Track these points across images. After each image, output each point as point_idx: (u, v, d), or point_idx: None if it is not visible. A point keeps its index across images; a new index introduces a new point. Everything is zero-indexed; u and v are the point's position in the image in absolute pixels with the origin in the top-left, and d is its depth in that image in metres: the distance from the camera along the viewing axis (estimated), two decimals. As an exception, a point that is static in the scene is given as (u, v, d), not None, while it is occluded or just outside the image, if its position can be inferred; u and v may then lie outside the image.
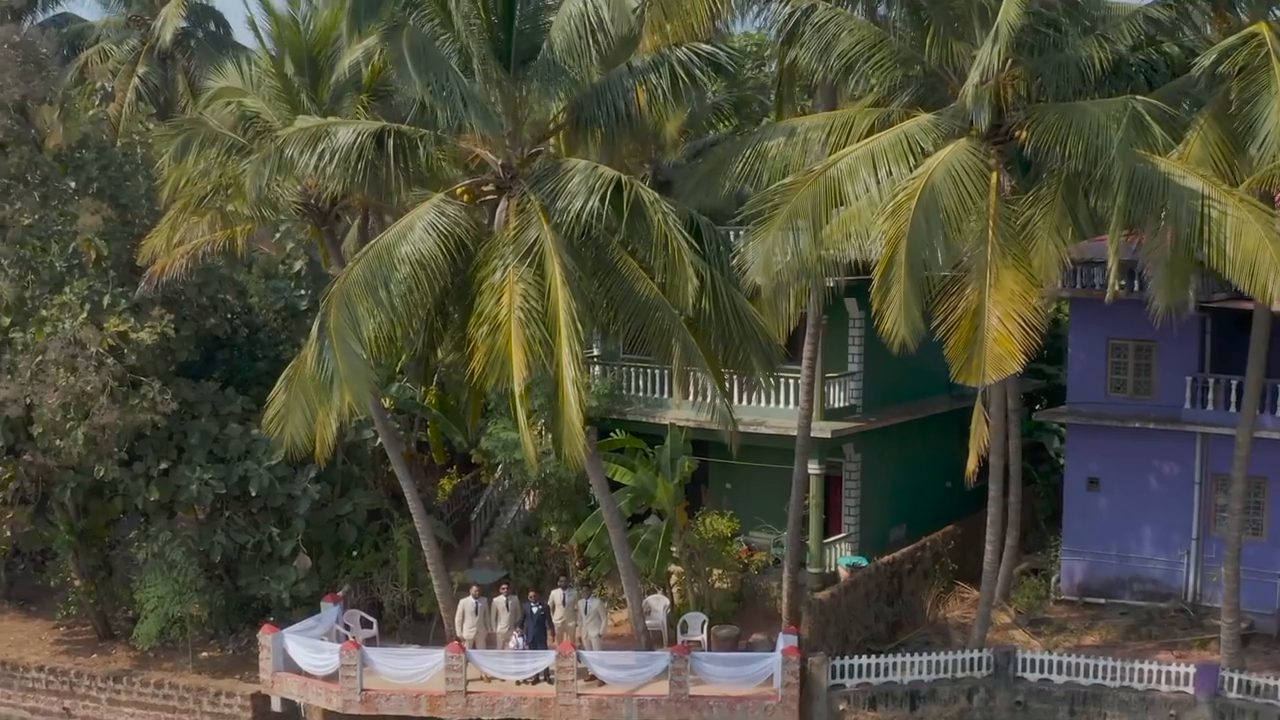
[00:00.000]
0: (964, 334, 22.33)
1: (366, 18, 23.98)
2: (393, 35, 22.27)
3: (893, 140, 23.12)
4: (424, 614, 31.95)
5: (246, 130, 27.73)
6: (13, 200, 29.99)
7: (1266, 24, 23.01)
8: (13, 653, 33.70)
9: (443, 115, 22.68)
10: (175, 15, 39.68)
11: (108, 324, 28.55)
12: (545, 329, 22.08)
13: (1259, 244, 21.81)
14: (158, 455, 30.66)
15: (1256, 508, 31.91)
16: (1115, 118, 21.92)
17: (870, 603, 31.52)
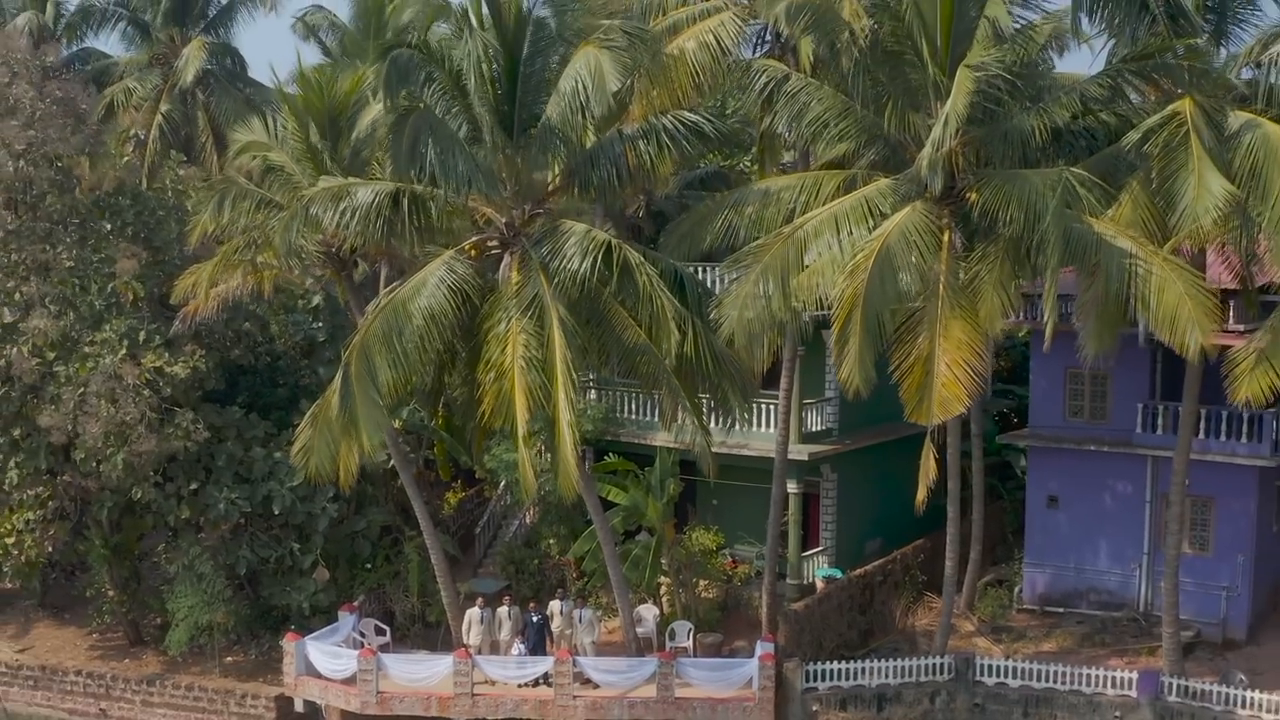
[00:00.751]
0: (916, 378, 25.64)
1: (399, 86, 27.13)
2: (399, 124, 25.40)
3: (854, 203, 26.46)
4: (433, 622, 35.32)
5: (272, 183, 31.09)
6: (54, 244, 33.30)
7: (1191, 98, 26.32)
8: (50, 658, 37.11)
9: (447, 187, 25.88)
10: (197, 57, 42.97)
11: (145, 359, 31.90)
12: (544, 375, 25.42)
13: (1179, 300, 25.12)
14: (188, 476, 34.00)
15: (1204, 525, 35.31)
16: (1051, 186, 25.22)
17: (843, 612, 34.92)
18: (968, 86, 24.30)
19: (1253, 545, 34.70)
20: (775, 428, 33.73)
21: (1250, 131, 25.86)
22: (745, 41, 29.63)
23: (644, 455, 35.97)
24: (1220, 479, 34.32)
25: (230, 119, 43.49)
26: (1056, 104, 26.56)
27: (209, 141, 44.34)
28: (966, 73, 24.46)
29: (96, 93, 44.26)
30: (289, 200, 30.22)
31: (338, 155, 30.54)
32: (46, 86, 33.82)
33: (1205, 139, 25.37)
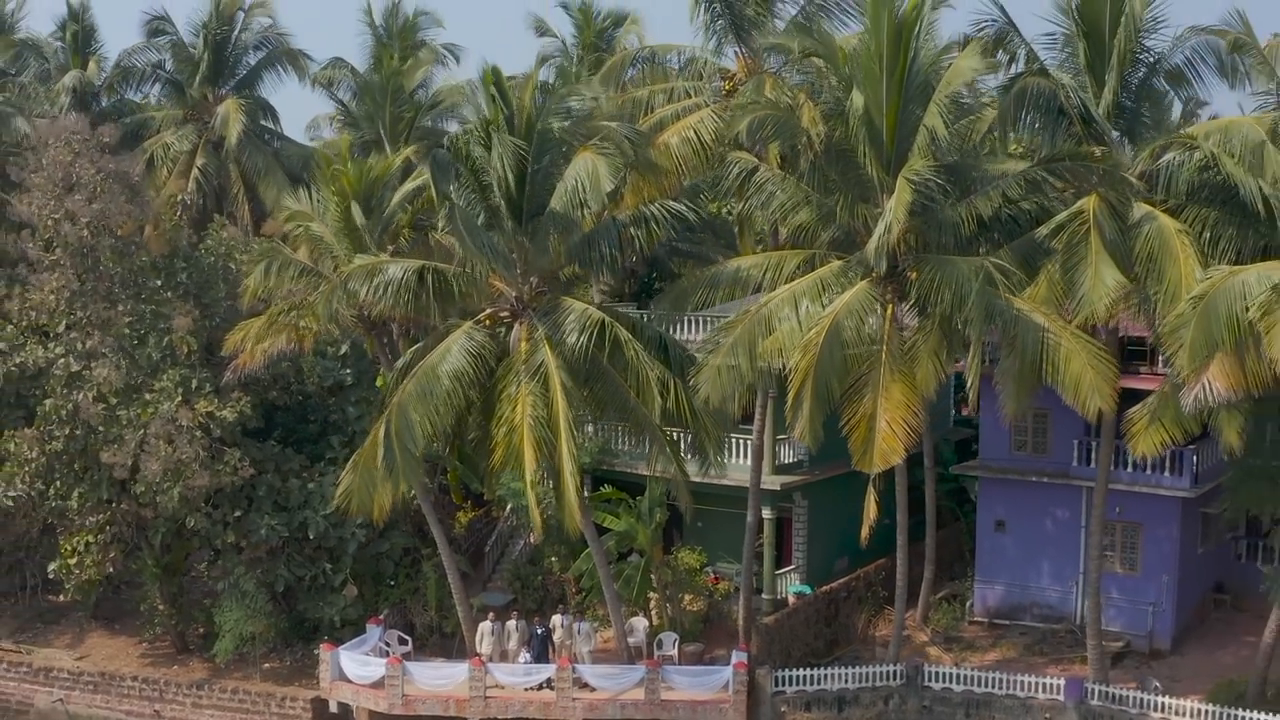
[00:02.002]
0: (862, 433, 31.60)
1: (441, 184, 33.03)
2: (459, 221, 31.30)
3: (810, 283, 32.43)
4: (449, 633, 41.43)
5: (313, 250, 37.14)
6: (114, 302, 39.31)
7: (1097, 194, 32.25)
8: (106, 664, 43.22)
9: (477, 264, 31.85)
10: (237, 118, 48.86)
11: (198, 405, 37.92)
12: (550, 431, 31.43)
13: (1082, 369, 31.09)
14: (233, 505, 40.00)
15: (1133, 548, 41.40)
16: (975, 272, 31.15)
17: (811, 624, 41.08)
18: (906, 197, 30.19)
19: (1176, 566, 40.72)
20: (750, 461, 39.74)
21: (1149, 223, 31.78)
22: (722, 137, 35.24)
23: (636, 482, 41.92)
24: (1147, 508, 40.36)
25: (261, 173, 49.77)
26: (983, 198, 32.44)
27: (240, 193, 50.39)
28: (905, 184, 30.35)
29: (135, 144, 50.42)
30: (329, 269, 36.33)
31: (371, 228, 36.47)
32: (103, 161, 39.75)
33: (1106, 233, 31.31)
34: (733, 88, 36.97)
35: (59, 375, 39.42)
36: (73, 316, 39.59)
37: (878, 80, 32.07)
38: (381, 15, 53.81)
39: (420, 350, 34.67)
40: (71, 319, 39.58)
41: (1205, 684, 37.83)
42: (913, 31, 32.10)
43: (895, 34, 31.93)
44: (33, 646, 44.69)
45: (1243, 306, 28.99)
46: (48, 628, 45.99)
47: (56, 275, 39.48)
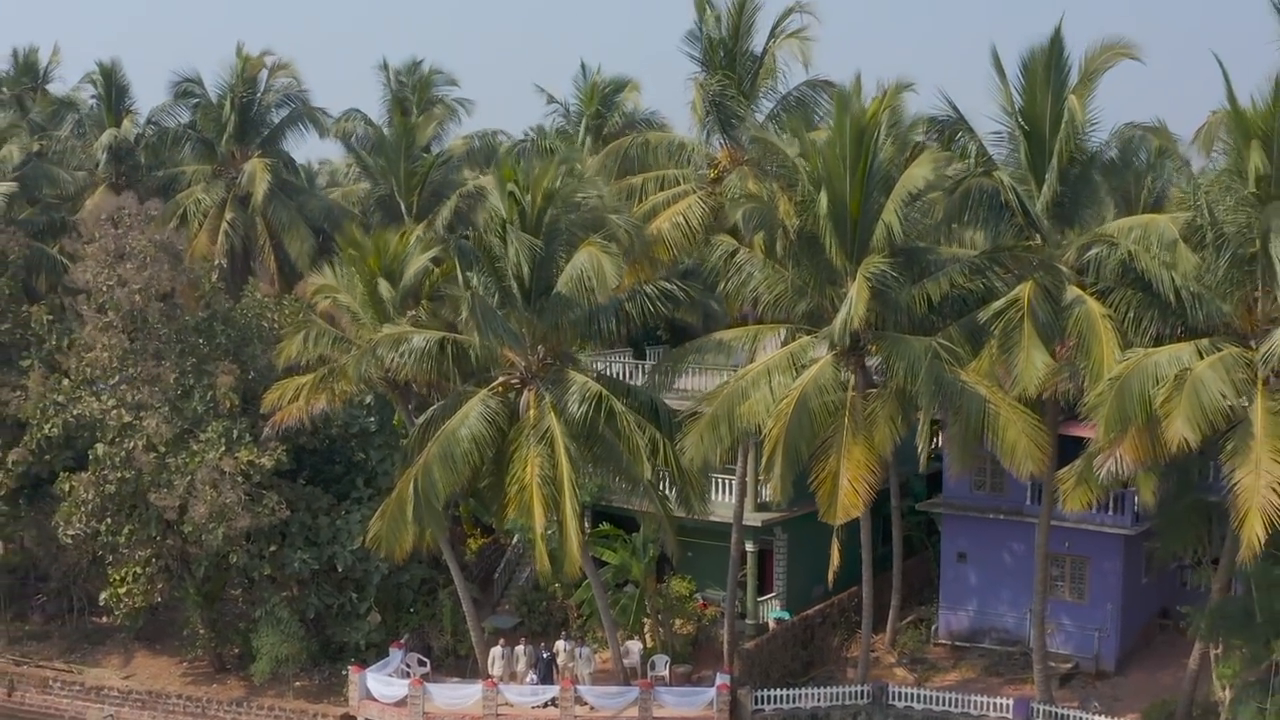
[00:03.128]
0: (827, 488, 37.63)
1: (466, 268, 38.96)
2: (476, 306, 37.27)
3: (782, 357, 38.45)
4: (464, 655, 47.51)
5: (341, 319, 43.16)
6: (162, 360, 45.33)
7: (1034, 281, 38.16)
8: (150, 683, 49.40)
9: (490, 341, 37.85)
10: (264, 177, 54.83)
11: (240, 454, 43.95)
12: (555, 489, 37.45)
13: (1018, 436, 37.09)
14: (268, 540, 46.06)
15: (1080, 579, 47.45)
16: (926, 350, 37.10)
17: (789, 647, 47.23)
18: (865, 293, 36.18)
19: (1120, 595, 46.76)
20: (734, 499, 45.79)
21: (1078, 306, 37.69)
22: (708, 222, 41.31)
23: (632, 517, 47.87)
24: (1093, 543, 46.39)
25: (285, 226, 55.84)
26: (934, 283, 38.41)
27: (267, 244, 56.42)
28: (863, 281, 36.33)
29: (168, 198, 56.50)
30: (357, 337, 42.37)
31: (392, 299, 42.46)
32: (150, 231, 45.75)
33: (1040, 318, 37.28)
34: (717, 175, 43.04)
35: (112, 425, 45.45)
36: (124, 372, 45.58)
37: (842, 177, 38.04)
38: (397, 72, 59.61)
39: (440, 411, 40.65)
40: (123, 374, 45.54)
41: (1145, 703, 43.94)
42: (872, 136, 38.09)
43: (857, 137, 37.90)
44: (83, 666, 50.83)
45: (1154, 386, 34.85)
46: (94, 648, 52.12)
47: (109, 335, 45.46)
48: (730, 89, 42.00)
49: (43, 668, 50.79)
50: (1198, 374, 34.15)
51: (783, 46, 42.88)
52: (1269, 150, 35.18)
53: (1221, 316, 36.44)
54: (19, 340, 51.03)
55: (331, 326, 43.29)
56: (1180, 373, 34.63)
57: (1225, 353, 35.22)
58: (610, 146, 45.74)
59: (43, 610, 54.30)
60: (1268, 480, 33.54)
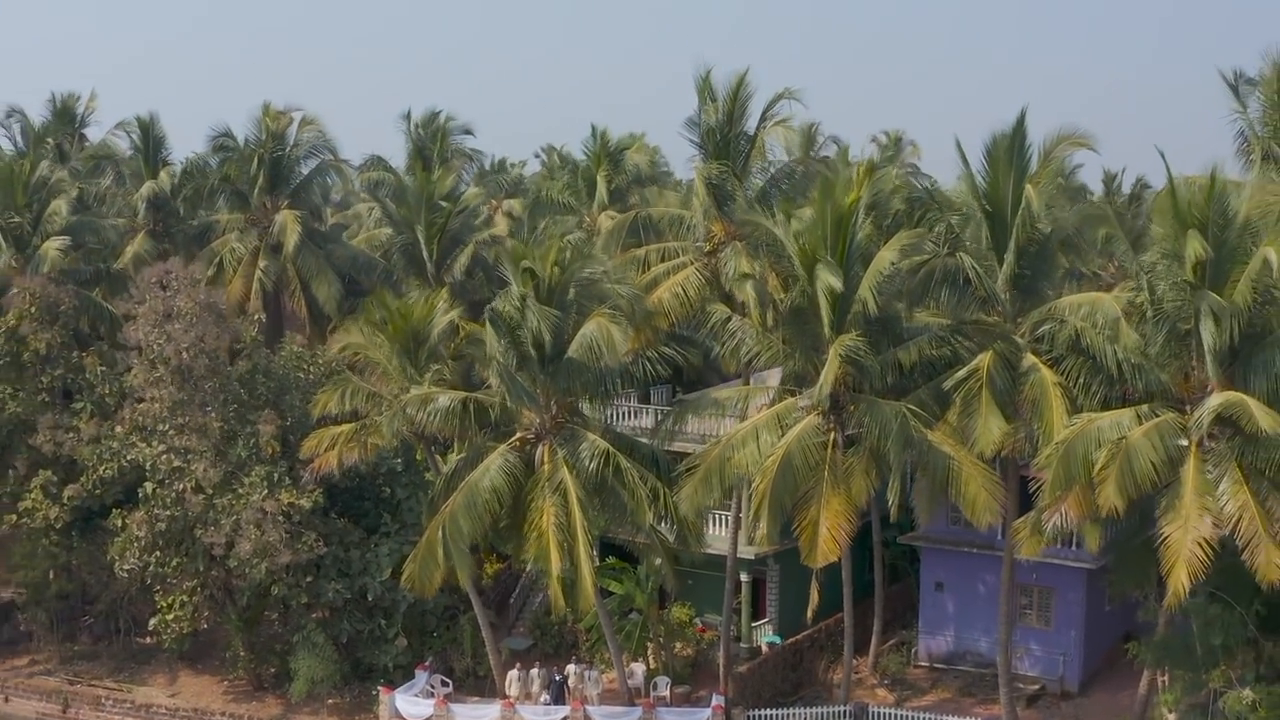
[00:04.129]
0: (808, 535, 43.71)
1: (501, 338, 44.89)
2: (500, 370, 43.44)
3: (768, 418, 44.53)
4: (483, 675, 53.74)
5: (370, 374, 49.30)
6: (208, 410, 51.52)
7: (993, 351, 44.14)
8: (194, 701, 55.83)
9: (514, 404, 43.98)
10: (294, 229, 61.09)
11: (281, 496, 50.13)
12: (569, 535, 43.56)
13: (978, 490, 43.19)
14: (305, 572, 52.25)
15: (1047, 607, 53.62)
16: (896, 414, 43.14)
17: (779, 670, 53.46)
18: (836, 368, 42.24)
19: (1083, 623, 52.91)
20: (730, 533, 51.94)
21: (1033, 373, 43.65)
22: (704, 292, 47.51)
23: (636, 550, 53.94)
24: (1059, 575, 52.49)
25: (314, 274, 62.02)
26: (904, 351, 44.51)
27: (297, 289, 62.59)
28: (836, 356, 42.36)
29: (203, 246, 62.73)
30: (386, 390, 48.48)
31: (417, 359, 48.57)
32: (195, 293, 51.94)
33: (997, 385, 43.29)
34: (714, 247, 49.16)
35: (162, 469, 51.63)
36: (173, 421, 51.75)
37: (824, 256, 43.99)
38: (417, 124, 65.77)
39: (463, 463, 46.81)
40: (172, 423, 51.70)
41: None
42: (850, 220, 44.13)
43: (837, 222, 43.99)
44: (131, 684, 57.25)
45: (1095, 449, 40.79)
46: (141, 667, 58.54)
47: (160, 388, 51.62)
48: (725, 172, 48.19)
49: (95, 686, 57.25)
50: (1131, 442, 40.09)
51: (771, 132, 49.02)
52: (1205, 236, 40.96)
53: (1160, 385, 42.28)
54: (71, 385, 57.25)
55: (361, 379, 49.36)
56: (1118, 440, 40.57)
57: (1162, 419, 41.11)
58: (618, 220, 52.07)
59: (90, 631, 60.69)
60: (1194, 536, 39.41)
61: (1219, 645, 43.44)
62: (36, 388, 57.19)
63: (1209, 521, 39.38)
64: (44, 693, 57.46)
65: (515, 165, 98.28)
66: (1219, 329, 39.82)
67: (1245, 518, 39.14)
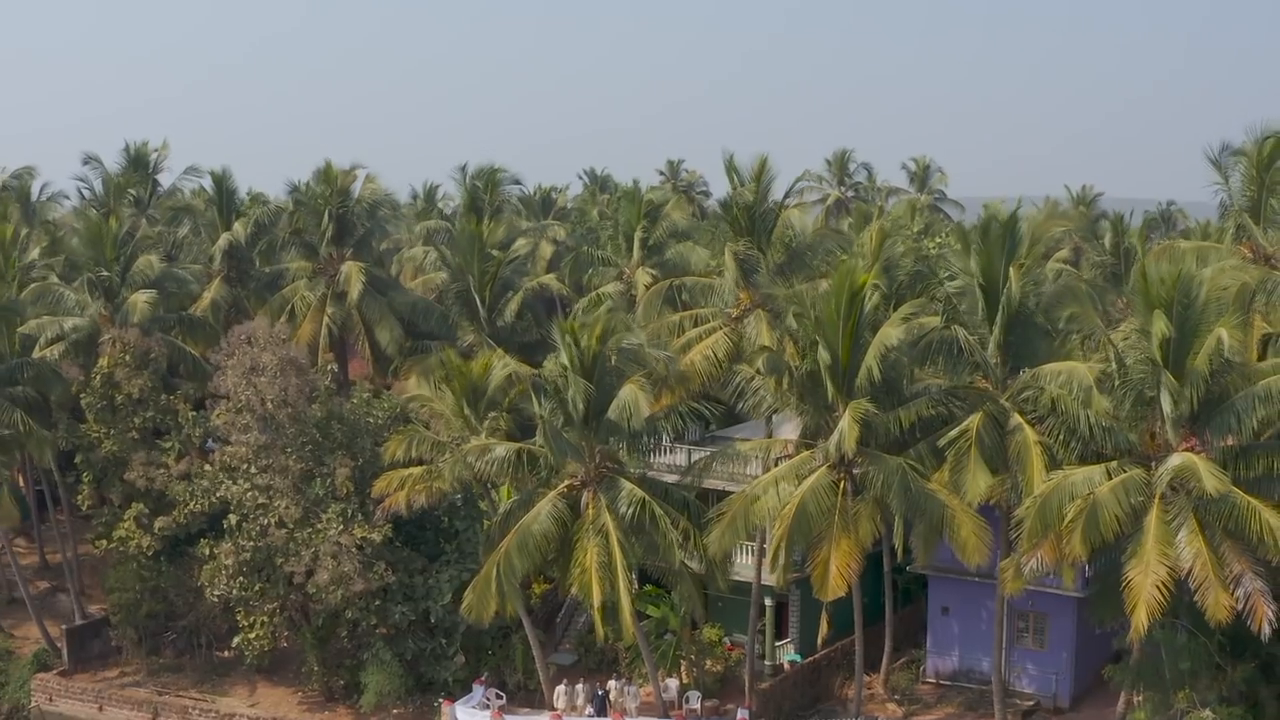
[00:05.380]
0: (820, 573, 52.21)
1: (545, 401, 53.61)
2: (546, 429, 52.16)
3: (785, 470, 53.05)
4: (533, 689, 62.63)
5: (433, 423, 58.07)
6: (288, 453, 60.39)
7: (983, 413, 52.46)
8: (273, 710, 64.77)
9: (558, 459, 52.68)
10: (357, 279, 69.97)
11: (355, 531, 58.96)
12: (610, 572, 52.19)
13: (969, 535, 51.60)
14: (374, 597, 61.10)
15: (1042, 631, 61.99)
16: (897, 467, 51.55)
17: (799, 686, 62.07)
18: (855, 428, 50.60)
19: (1074, 645, 61.28)
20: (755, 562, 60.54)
21: (1018, 432, 52.01)
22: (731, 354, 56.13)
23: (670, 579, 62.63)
24: (1052, 603, 60.83)
25: (377, 319, 70.88)
26: (906, 410, 52.92)
27: (361, 334, 71.46)
28: (852, 421, 50.72)
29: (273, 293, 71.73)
30: (447, 435, 57.20)
31: (476, 410, 57.29)
32: (279, 349, 60.83)
33: (985, 443, 51.62)
34: (740, 312, 57.74)
35: (247, 504, 60.56)
36: (258, 463, 60.63)
37: (836, 328, 52.40)
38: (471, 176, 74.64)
39: (517, 504, 55.53)
40: (258, 465, 60.61)
41: (1092, 734, 58.61)
42: (861, 297, 52.41)
43: (849, 299, 52.29)
44: (214, 695, 66.28)
45: (1068, 502, 49.02)
46: (221, 679, 67.70)
47: (246, 433, 60.51)
48: (750, 248, 56.78)
49: (181, 696, 66.43)
50: (1098, 497, 48.36)
51: (792, 213, 57.55)
52: (1170, 317, 48.93)
53: (1128, 444, 50.55)
54: (160, 424, 66.26)
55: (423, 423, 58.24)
56: (1087, 495, 48.84)
57: (1129, 475, 49.31)
58: (656, 288, 60.99)
59: (174, 646, 69.82)
60: (1154, 579, 47.64)
61: (1185, 670, 51.85)
62: (128, 427, 66.24)
63: (1165, 569, 47.62)
64: (135, 702, 66.74)
65: (559, 192, 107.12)
66: (1176, 403, 48.01)
67: (1199, 564, 47.26)
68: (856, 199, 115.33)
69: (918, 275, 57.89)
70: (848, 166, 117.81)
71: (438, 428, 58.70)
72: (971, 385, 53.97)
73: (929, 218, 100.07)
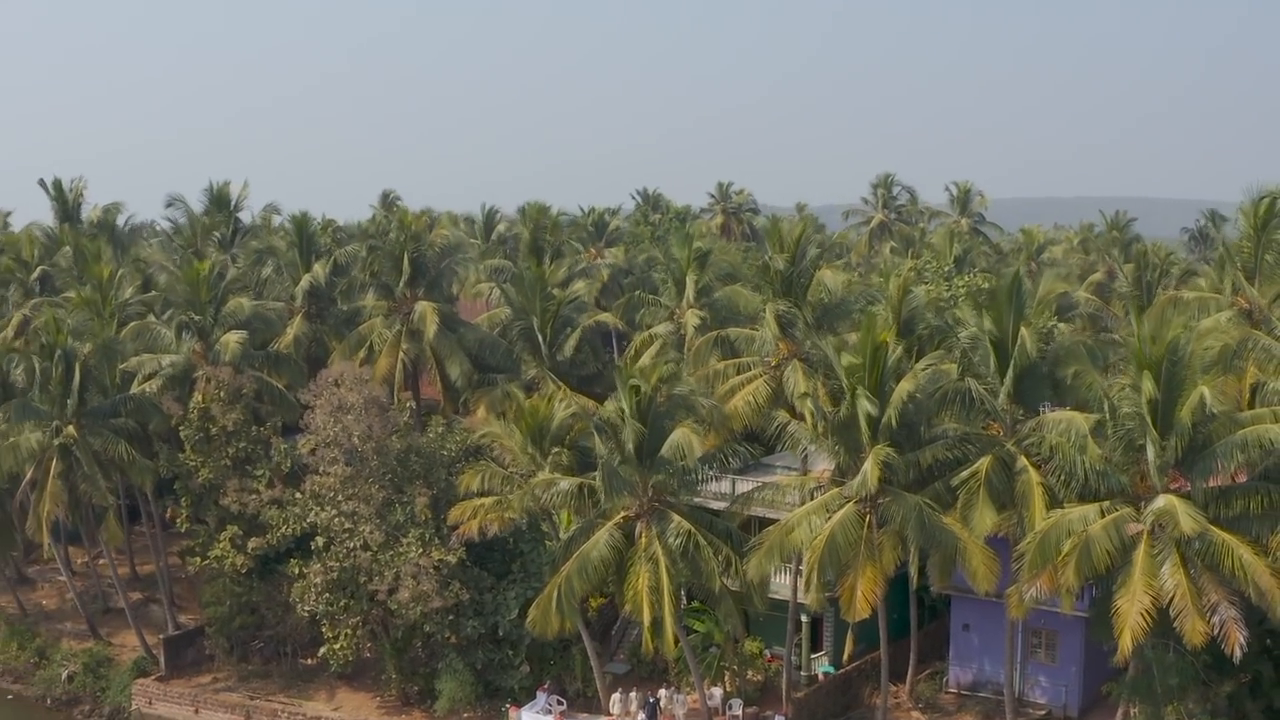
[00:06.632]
0: (848, 596, 61.77)
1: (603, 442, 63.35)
2: (604, 469, 61.87)
3: (817, 505, 62.61)
4: (590, 696, 72.57)
5: (500, 456, 67.98)
6: (371, 484, 70.35)
7: (991, 456, 61.79)
8: (354, 714, 74.89)
9: (614, 495, 62.42)
10: (432, 319, 79.96)
11: (433, 553, 68.87)
12: (659, 595, 61.87)
13: (979, 564, 61.02)
14: (449, 612, 70.97)
15: (1053, 647, 71.40)
16: (916, 504, 60.98)
17: (832, 695, 71.79)
18: (877, 471, 60.00)
19: (1082, 660, 70.65)
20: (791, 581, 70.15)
21: (1023, 474, 61.44)
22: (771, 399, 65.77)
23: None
24: (1061, 621, 70.21)
25: (448, 354, 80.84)
26: (924, 453, 62.33)
27: (433, 367, 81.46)
28: (875, 464, 60.12)
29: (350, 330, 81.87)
30: (514, 466, 67.02)
31: (541, 446, 67.10)
32: (364, 389, 70.79)
33: (994, 484, 60.99)
34: (779, 361, 67.32)
35: (335, 529, 70.57)
36: (345, 492, 70.63)
37: (863, 379, 61.83)
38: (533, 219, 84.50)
39: (579, 531, 65.27)
40: (345, 494, 70.61)
41: (1098, 741, 67.99)
42: (885, 355, 61.81)
43: (874, 354, 61.71)
44: (300, 700, 76.40)
45: (1065, 538, 58.27)
46: (305, 685, 77.95)
47: (333, 465, 70.51)
48: (788, 306, 66.32)
49: (271, 701, 76.67)
50: (1091, 533, 57.65)
51: (825, 273, 67.07)
52: (1157, 379, 58.01)
53: (1120, 485, 59.75)
54: (252, 455, 76.38)
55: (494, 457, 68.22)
56: (1081, 532, 58.10)
57: (1119, 513, 58.61)
58: (703, 339, 70.42)
59: (261, 654, 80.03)
60: (1139, 607, 56.88)
61: (1174, 686, 61.17)
62: (222, 456, 76.38)
63: (1149, 599, 56.79)
64: (228, 706, 77.08)
65: (612, 214, 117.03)
66: (1161, 451, 57.20)
67: (1179, 594, 56.42)
68: (899, 221, 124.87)
69: (937, 329, 67.36)
70: (891, 189, 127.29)
71: (506, 460, 68.48)
72: (984, 430, 63.32)
73: (968, 242, 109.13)
